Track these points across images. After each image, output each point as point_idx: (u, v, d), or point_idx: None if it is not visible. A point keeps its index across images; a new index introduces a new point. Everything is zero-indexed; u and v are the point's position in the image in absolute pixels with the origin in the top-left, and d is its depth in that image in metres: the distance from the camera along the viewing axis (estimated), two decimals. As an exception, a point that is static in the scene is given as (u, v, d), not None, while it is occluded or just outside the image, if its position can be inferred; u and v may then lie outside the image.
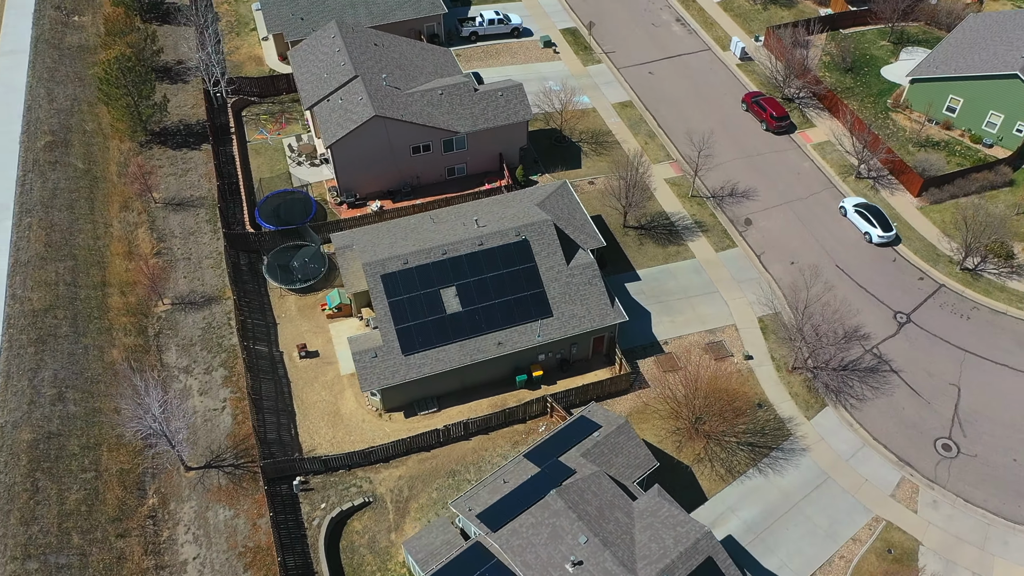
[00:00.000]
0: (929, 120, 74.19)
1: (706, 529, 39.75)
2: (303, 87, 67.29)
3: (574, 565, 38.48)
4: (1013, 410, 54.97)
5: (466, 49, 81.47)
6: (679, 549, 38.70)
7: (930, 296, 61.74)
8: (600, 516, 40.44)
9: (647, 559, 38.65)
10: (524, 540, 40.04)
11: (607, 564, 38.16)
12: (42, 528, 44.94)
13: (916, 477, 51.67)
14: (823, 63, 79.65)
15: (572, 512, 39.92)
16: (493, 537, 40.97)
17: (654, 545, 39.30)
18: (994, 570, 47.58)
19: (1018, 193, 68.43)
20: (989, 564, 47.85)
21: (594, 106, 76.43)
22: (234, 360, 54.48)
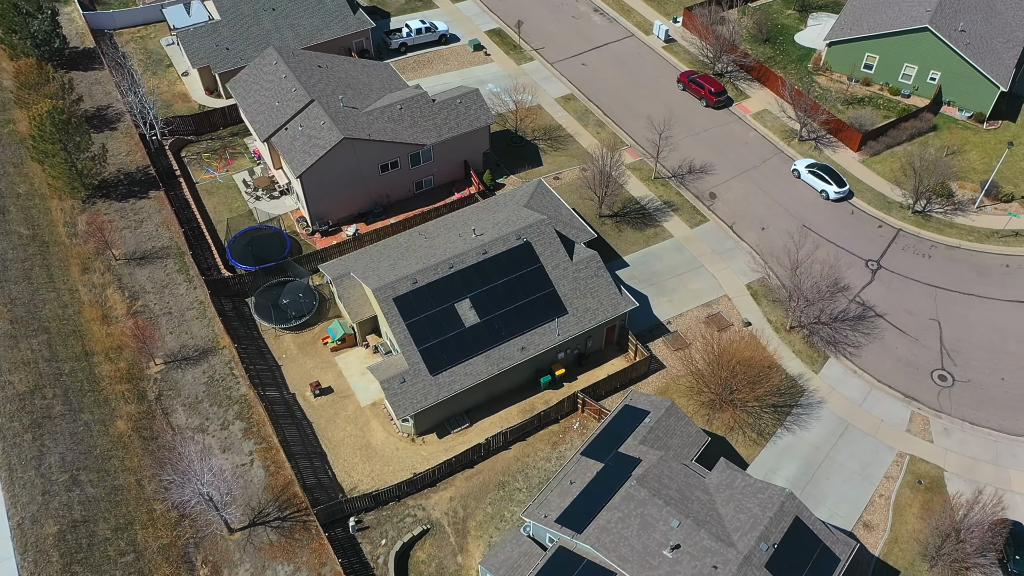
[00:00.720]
0: (850, 79, 79.03)
1: (787, 491, 41.26)
2: (254, 118, 64.59)
3: (672, 550, 39.09)
4: (989, 334, 59.57)
5: (398, 61, 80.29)
6: (768, 515, 39.99)
7: (892, 241, 65.94)
8: (683, 497, 41.22)
9: (740, 530, 39.72)
10: (615, 535, 40.29)
11: (705, 542, 38.97)
12: (90, 624, 41.63)
13: (924, 410, 55.24)
14: (743, 37, 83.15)
15: (658, 499, 40.50)
16: (580, 538, 41.00)
17: (742, 515, 40.44)
18: (1011, 482, 51.54)
19: (943, 136, 73.92)
20: (1006, 477, 51.80)
21: (539, 103, 77.04)
22: (248, 411, 51.92)
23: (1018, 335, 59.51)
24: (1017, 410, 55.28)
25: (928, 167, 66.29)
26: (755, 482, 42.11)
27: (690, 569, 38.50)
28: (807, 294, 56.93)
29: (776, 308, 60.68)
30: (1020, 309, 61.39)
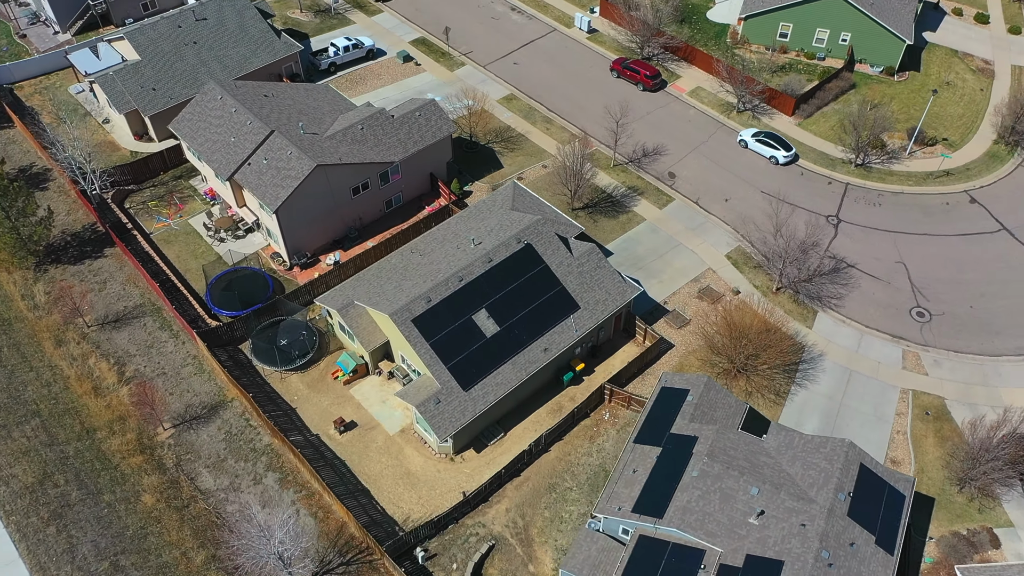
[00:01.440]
0: (768, 49, 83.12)
1: (847, 440, 43.36)
2: (209, 157, 61.43)
3: (758, 516, 40.38)
4: (948, 267, 64.34)
5: (331, 81, 78.26)
6: (837, 466, 41.97)
7: (844, 195, 70.01)
8: (752, 465, 42.60)
9: (815, 485, 41.49)
10: (699, 513, 41.21)
11: (787, 503, 40.48)
12: None
13: (912, 346, 59.13)
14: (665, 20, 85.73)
15: (732, 470, 41.69)
16: (662, 523, 41.70)
17: (811, 472, 42.23)
18: (1003, 398, 56.02)
19: (863, 92, 78.96)
20: (997, 395, 56.23)
21: (481, 107, 76.90)
22: (279, 460, 49.68)
23: (971, 265, 64.56)
24: (989, 333, 60.03)
25: (862, 122, 70.79)
26: (813, 438, 44.07)
27: (779, 532, 39.91)
28: (792, 254, 59.73)
29: (758, 273, 63.32)
30: (967, 241, 66.58)
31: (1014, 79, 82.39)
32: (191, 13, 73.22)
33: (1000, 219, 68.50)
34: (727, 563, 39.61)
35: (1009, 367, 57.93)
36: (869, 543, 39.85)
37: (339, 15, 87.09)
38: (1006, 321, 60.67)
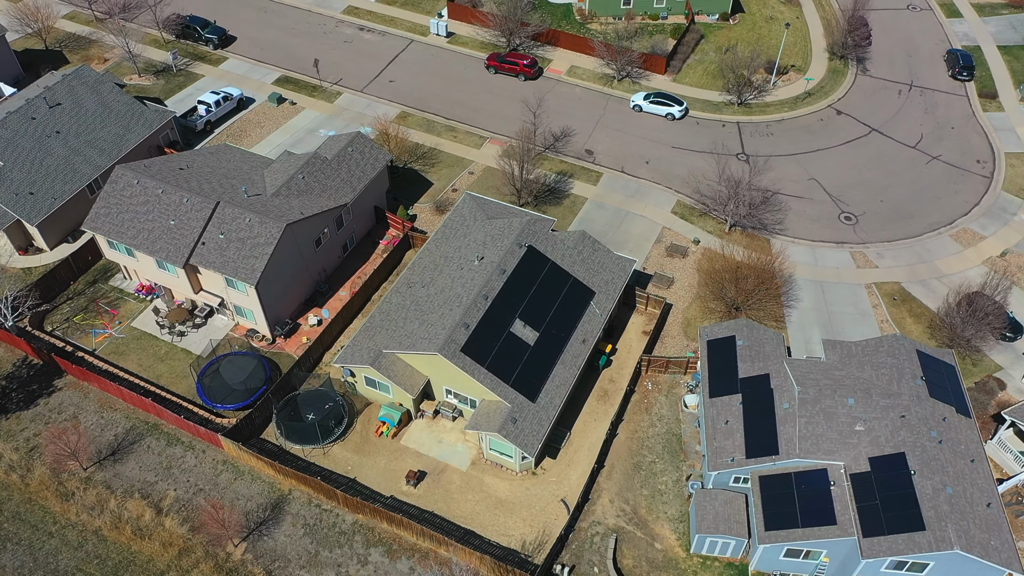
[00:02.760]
0: (615, 18, 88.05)
1: (897, 333, 48.47)
2: (152, 247, 55.10)
3: (864, 422, 44.35)
4: (849, 173, 72.58)
5: (215, 139, 72.60)
6: (900, 359, 47.14)
7: (740, 134, 76.49)
8: (834, 381, 46.50)
9: (892, 380, 46.19)
10: (811, 438, 44.45)
11: (881, 402, 44.79)
12: None
13: (855, 247, 66.43)
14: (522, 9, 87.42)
15: (825, 397, 45.23)
16: (780, 459, 44.53)
17: (882, 370, 46.97)
18: (940, 268, 64.70)
19: (713, 40, 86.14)
20: (936, 266, 64.84)
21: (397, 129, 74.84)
22: (374, 533, 46.68)
23: (864, 166, 73.33)
24: (904, 218, 68.80)
25: (738, 63, 77.72)
26: (867, 342, 48.93)
27: (885, 429, 44.15)
28: (748, 190, 64.74)
29: (705, 220, 67.86)
30: (851, 147, 75.34)
31: (816, 4, 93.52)
32: (42, 101, 64.60)
33: (866, 122, 78.21)
34: (854, 472, 43.27)
35: (931, 242, 66.92)
36: (953, 414, 45.23)
37: (182, 72, 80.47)
38: (911, 205, 69.85)
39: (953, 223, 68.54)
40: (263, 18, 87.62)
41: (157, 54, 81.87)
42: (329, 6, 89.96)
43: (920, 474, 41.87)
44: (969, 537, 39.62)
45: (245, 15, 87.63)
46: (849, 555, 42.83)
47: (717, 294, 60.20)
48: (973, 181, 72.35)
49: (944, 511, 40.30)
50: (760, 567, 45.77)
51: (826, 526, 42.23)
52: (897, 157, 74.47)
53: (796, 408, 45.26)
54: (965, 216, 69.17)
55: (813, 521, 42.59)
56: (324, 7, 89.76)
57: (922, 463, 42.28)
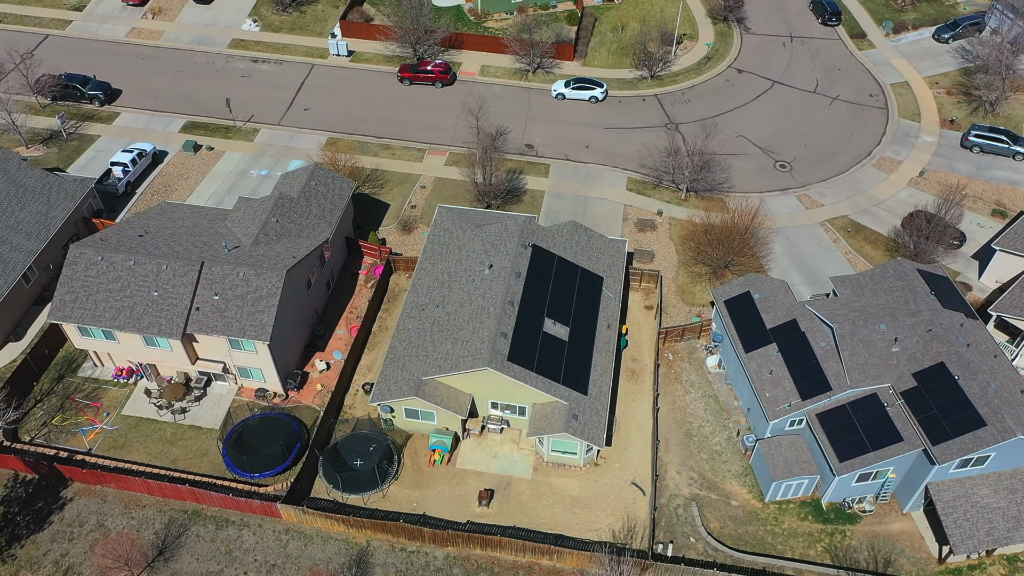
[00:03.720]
0: (508, 13, 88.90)
1: (898, 258, 52.55)
2: (139, 325, 50.31)
3: (896, 342, 47.96)
4: (769, 124, 77.41)
5: (138, 202, 67.11)
6: (909, 280, 51.22)
7: (661, 105, 79.58)
8: (860, 312, 49.84)
9: (908, 299, 50.13)
10: (857, 370, 47.47)
11: (907, 322, 48.51)
12: None
13: (798, 191, 71.06)
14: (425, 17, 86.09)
15: (859, 328, 48.35)
16: (833, 394, 47.34)
17: (895, 293, 50.92)
18: (876, 195, 70.47)
19: (606, 21, 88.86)
20: (870, 195, 70.48)
21: (313, 161, 72.06)
22: (468, 563, 45.42)
23: (780, 116, 78.39)
24: (828, 157, 74.25)
25: (646, 38, 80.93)
26: (872, 271, 52.92)
27: (915, 345, 47.96)
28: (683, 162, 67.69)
29: (660, 191, 70.33)
30: (763, 100, 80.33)
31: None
32: (-55, 192, 57.41)
33: (766, 76, 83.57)
34: (903, 389, 46.79)
35: (859, 174, 72.73)
36: (966, 319, 49.78)
37: (74, 136, 73.56)
38: (831, 145, 75.50)
39: (871, 154, 74.81)
40: (145, 65, 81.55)
41: (39, 121, 74.38)
42: (212, 43, 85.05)
43: (963, 377, 45.92)
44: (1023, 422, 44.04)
45: (124, 65, 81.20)
46: (915, 465, 46.32)
47: (699, 258, 62.74)
48: (873, 114, 79.19)
49: (996, 404, 44.46)
50: (833, 498, 48.58)
51: (894, 444, 45.43)
52: (803, 103, 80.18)
53: (836, 343, 48.20)
54: (878, 146, 75.65)
55: (881, 443, 45.68)
56: (207, 44, 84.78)
57: (961, 367, 46.35)
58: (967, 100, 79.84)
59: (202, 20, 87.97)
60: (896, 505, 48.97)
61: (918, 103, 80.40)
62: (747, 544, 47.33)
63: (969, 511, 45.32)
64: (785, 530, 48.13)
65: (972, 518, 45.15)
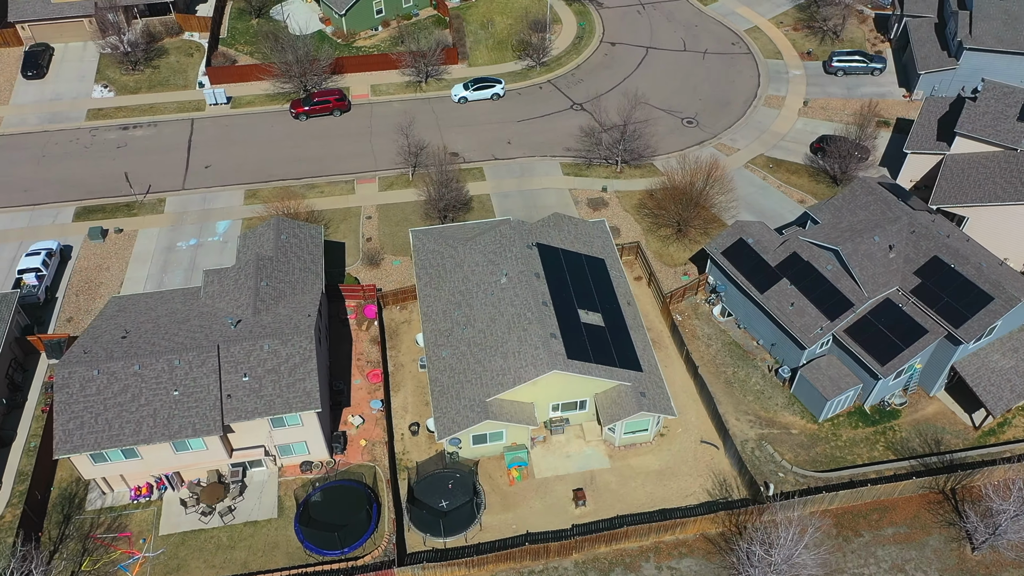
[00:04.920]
0: (373, 29, 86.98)
1: (859, 177, 57.73)
2: (169, 431, 44.89)
3: (891, 249, 53.09)
4: (657, 88, 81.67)
5: (63, 304, 59.48)
6: (880, 194, 56.41)
7: (559, 89, 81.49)
8: (850, 231, 54.49)
9: (884, 211, 55.49)
10: (868, 282, 52.04)
11: (892, 228, 53.66)
12: None
13: (713, 141, 75.77)
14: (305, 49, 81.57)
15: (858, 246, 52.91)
16: (858, 309, 51.72)
17: (870, 208, 56.10)
18: (777, 130, 76.77)
19: (470, 21, 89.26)
20: (773, 131, 76.72)
21: (242, 218, 67.14)
22: (599, 562, 45.19)
23: (665, 77, 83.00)
24: (725, 105, 79.69)
25: (507, 36, 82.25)
26: (840, 195, 57.73)
27: (907, 247, 53.30)
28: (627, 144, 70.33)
29: (595, 169, 72.43)
30: (646, 66, 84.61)
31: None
32: None
33: (638, 44, 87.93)
34: (910, 288, 51.94)
35: (755, 115, 78.74)
36: (934, 216, 55.84)
37: (-54, 252, 63.66)
38: (721, 94, 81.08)
39: (757, 95, 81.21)
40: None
41: (-102, 246, 63.57)
42: (66, 118, 76.38)
43: (957, 264, 51.77)
44: (1020, 287, 50.45)
45: (-27, 162, 71.06)
46: (936, 352, 51.69)
47: (659, 222, 65.56)
48: (743, 59, 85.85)
49: (993, 279, 50.62)
50: (873, 401, 53.15)
51: (922, 337, 50.43)
52: (680, 62, 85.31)
53: (845, 263, 52.46)
54: (760, 87, 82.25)
55: (910, 339, 50.53)
56: (61, 121, 76.06)
57: (951, 256, 52.19)
58: (812, 32, 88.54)
59: (42, 97, 78.63)
60: (922, 392, 54.43)
61: (774, 43, 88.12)
62: (824, 463, 50.77)
63: (991, 377, 51.41)
64: (846, 442, 52.08)
65: (996, 382, 51.27)
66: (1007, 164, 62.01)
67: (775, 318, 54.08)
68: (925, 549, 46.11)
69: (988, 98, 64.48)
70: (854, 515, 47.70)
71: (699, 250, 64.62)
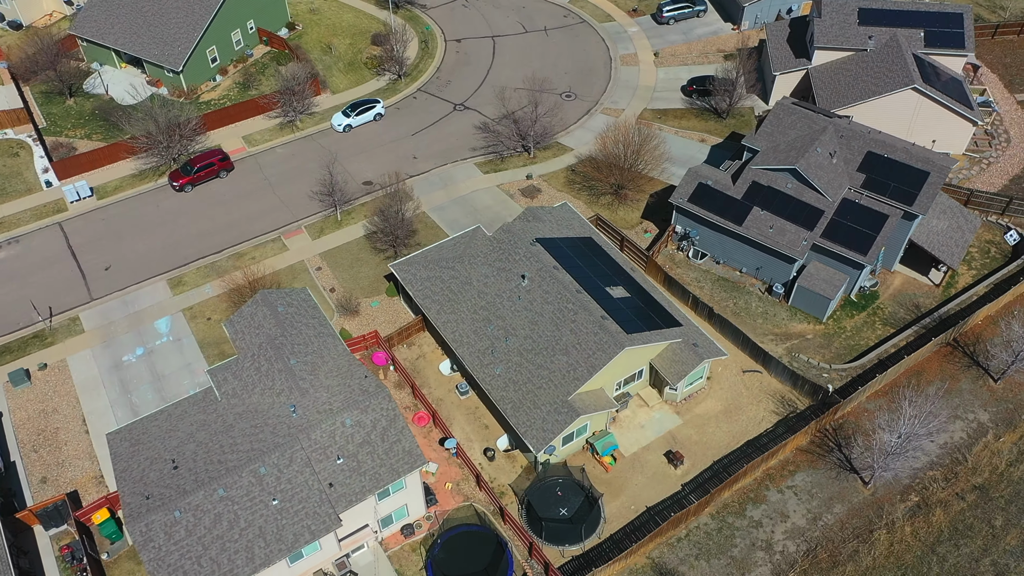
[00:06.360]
0: (213, 80, 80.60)
1: (782, 97, 63.71)
2: (284, 542, 40.19)
3: (833, 155, 59.52)
4: (524, 71, 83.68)
5: (34, 465, 50.46)
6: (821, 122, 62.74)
7: (397, 112, 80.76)
8: (791, 150, 60.27)
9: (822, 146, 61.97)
10: (832, 188, 58.15)
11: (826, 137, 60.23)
12: None
13: (597, 108, 79.29)
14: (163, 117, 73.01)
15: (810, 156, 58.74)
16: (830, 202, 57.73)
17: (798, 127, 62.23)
18: (649, 81, 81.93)
19: (309, 49, 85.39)
20: (645, 83, 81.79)
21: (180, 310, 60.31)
22: (721, 507, 47.17)
23: (523, 60, 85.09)
24: (589, 73, 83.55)
25: (352, 56, 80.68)
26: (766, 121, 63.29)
27: (843, 150, 60.00)
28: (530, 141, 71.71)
29: (511, 159, 73.23)
30: (500, 56, 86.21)
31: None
32: None
33: (481, 35, 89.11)
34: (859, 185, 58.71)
35: (621, 75, 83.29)
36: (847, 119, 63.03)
37: None
38: (582, 64, 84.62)
39: (612, 57, 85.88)
40: None
41: None
42: (-102, 262, 63.52)
43: (889, 153, 59.25)
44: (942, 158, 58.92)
45: None
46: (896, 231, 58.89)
47: (596, 191, 68.30)
48: (581, 29, 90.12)
49: (921, 157, 58.63)
50: (855, 291, 59.63)
51: (886, 222, 57.16)
52: (530, 43, 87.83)
53: (805, 177, 57.97)
54: (611, 49, 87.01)
55: (878, 227, 56.97)
56: None
57: (882, 148, 59.60)
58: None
59: None
60: (885, 271, 61.85)
61: (600, 8, 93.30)
62: (848, 354, 56.44)
63: (939, 239, 59.78)
64: (851, 330, 58.19)
65: (943, 242, 59.73)
66: (863, 63, 71.43)
67: (759, 243, 58.78)
68: (963, 394, 53.18)
69: (830, 13, 73.63)
70: (897, 388, 53.72)
71: (646, 207, 68.13)
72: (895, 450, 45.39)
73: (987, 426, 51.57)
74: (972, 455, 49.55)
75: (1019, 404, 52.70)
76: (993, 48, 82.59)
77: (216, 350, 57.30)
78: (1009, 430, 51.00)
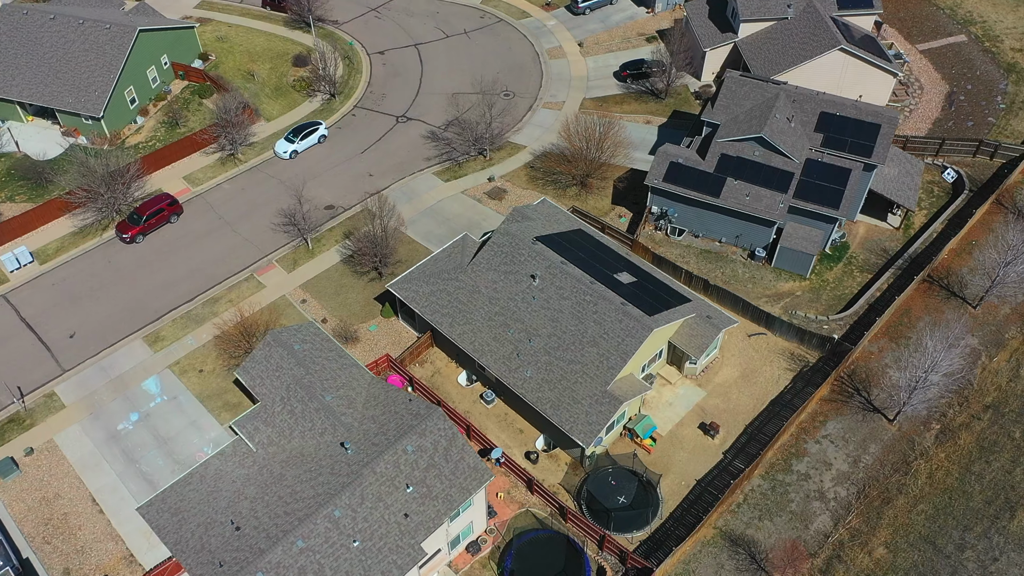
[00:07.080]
0: (134, 122, 75.94)
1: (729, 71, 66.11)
2: (373, 587, 38.72)
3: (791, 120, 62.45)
4: (457, 76, 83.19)
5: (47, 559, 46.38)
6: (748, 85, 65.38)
7: (339, 132, 79.10)
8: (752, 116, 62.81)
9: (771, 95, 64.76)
10: (796, 151, 61.03)
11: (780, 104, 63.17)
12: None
13: (539, 103, 79.90)
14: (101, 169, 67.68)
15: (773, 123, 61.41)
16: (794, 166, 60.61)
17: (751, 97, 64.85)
18: (584, 70, 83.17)
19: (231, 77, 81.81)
20: (581, 73, 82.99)
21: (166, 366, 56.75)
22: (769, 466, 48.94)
23: (455, 65, 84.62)
24: (521, 70, 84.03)
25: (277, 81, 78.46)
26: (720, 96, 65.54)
27: (799, 114, 63.01)
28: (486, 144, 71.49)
29: (470, 164, 72.79)
30: (428, 63, 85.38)
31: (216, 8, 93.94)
32: None
33: (405, 45, 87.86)
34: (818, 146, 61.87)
35: (552, 70, 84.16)
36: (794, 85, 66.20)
37: None
38: (509, 62, 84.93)
39: (539, 52, 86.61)
40: None
41: None
42: None
43: (840, 111, 62.69)
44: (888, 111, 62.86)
45: None
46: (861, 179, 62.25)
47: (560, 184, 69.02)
48: (501, 27, 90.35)
49: (869, 111, 62.35)
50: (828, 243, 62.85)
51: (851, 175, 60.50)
52: (455, 47, 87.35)
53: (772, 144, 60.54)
54: (535, 44, 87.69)
55: (844, 181, 60.27)
56: None
57: (832, 107, 62.99)
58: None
59: None
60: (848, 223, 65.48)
61: (514, 5, 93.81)
62: (839, 304, 59.47)
63: (893, 184, 63.88)
64: (834, 281, 61.33)
65: (897, 187, 63.87)
66: (788, 31, 75.21)
67: (738, 212, 61.03)
68: (950, 323, 57.07)
69: (750, -15, 77.05)
70: (895, 326, 57.04)
71: (613, 192, 69.33)
72: (921, 384, 48.30)
73: (979, 349, 55.66)
74: (975, 378, 53.36)
75: (1000, 325, 57.15)
76: (887, 4, 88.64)
77: (219, 401, 54.29)
78: (1000, 350, 55.25)
